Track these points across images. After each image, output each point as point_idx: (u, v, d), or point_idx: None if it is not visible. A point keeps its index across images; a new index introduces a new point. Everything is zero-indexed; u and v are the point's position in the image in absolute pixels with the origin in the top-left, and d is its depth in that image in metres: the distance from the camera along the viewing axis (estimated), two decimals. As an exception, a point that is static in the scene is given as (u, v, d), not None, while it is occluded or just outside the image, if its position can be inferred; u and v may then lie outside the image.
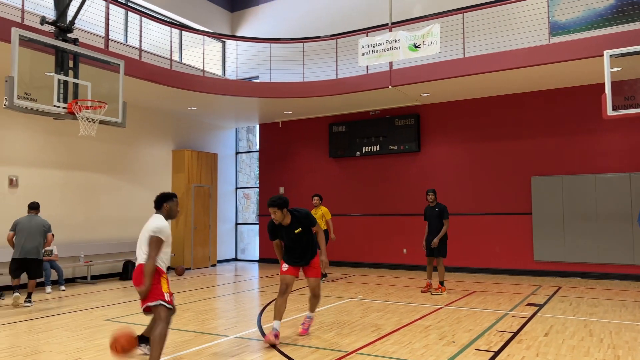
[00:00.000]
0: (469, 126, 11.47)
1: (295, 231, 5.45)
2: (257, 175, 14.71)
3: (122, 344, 4.07)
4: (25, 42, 6.79)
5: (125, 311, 7.22)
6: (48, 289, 8.95)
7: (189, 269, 12.59)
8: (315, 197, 10.16)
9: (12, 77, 6.57)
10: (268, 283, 10.15)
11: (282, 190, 13.82)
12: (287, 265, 5.55)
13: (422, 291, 8.64)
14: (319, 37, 11.77)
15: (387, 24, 10.83)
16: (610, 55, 7.21)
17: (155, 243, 4.22)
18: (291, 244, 5.53)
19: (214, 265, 13.57)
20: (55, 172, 10.06)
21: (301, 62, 12.05)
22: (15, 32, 6.64)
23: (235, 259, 14.91)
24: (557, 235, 10.35)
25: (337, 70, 11.21)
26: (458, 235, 10.93)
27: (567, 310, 6.92)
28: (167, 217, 4.51)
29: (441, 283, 8.52)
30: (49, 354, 4.97)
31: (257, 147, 14.79)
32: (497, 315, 6.64)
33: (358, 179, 12.73)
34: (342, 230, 12.70)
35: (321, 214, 9.97)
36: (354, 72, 11.06)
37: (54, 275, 9.28)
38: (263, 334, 5.69)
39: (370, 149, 12.42)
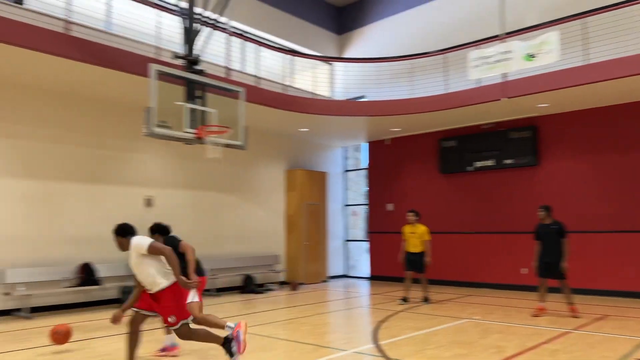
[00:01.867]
0: (594, 137, 10.67)
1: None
2: (365, 193, 14.86)
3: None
4: (160, 75, 7.61)
5: (251, 322, 7.65)
6: (178, 299, 9.75)
7: (302, 284, 12.99)
8: (410, 214, 9.59)
9: (151, 108, 7.38)
10: (380, 300, 10.15)
11: (390, 207, 13.81)
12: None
13: (533, 315, 8.07)
14: (426, 53, 11.73)
15: (497, 35, 10.52)
16: None
17: (155, 248, 4.57)
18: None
19: (325, 281, 13.86)
20: (184, 192, 11.01)
21: (408, 79, 12.07)
22: (152, 68, 7.47)
23: (346, 276, 15.11)
24: None
25: (446, 84, 11.07)
26: (582, 254, 10.14)
27: None
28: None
29: (570, 304, 7.96)
30: (184, 359, 5.42)
31: (365, 165, 14.97)
32: (635, 343, 6.05)
33: (471, 195, 12.35)
34: (455, 248, 12.36)
35: (420, 233, 9.47)
36: (463, 86, 10.85)
37: (183, 287, 10.09)
38: (381, 351, 5.72)
39: (483, 164, 12.02)
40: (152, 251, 4.58)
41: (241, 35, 11.24)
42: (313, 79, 13.52)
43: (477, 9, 12.27)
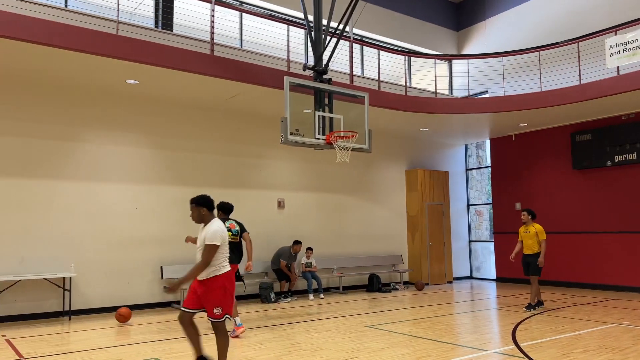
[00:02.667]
0: None
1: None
2: (489, 192, 14.41)
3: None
4: (292, 86, 8.13)
5: (381, 320, 7.90)
6: (311, 296, 10.31)
7: (427, 284, 12.96)
8: (524, 213, 9.00)
9: (286, 117, 7.93)
10: (510, 302, 9.84)
11: (518, 206, 13.26)
12: None
13: None
14: (556, 43, 11.12)
15: (639, 19, 9.67)
16: None
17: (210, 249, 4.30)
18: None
19: (450, 282, 13.69)
20: (311, 194, 11.58)
21: (536, 72, 11.53)
22: (286, 80, 8.02)
23: (471, 277, 14.77)
24: None
25: (580, 75, 10.41)
26: None
27: None
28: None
29: None
30: (330, 351, 5.79)
31: (488, 163, 14.52)
32: None
33: (610, 192, 11.46)
34: (592, 249, 11.56)
35: (534, 233, 8.81)
36: (599, 76, 10.13)
37: (314, 285, 10.64)
38: (523, 352, 5.63)
39: (625, 158, 11.09)
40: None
41: (362, 42, 11.55)
42: (432, 77, 13.44)
43: (613, -9, 11.38)
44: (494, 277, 13.95)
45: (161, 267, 9.37)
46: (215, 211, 5.15)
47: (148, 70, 7.89)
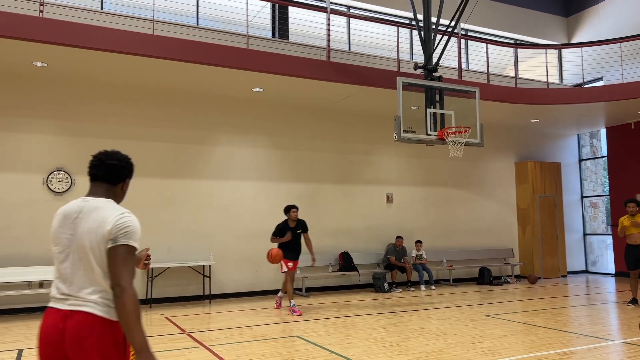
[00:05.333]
0: None
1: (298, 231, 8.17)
2: (605, 183, 13.78)
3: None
4: (404, 86, 8.54)
5: (498, 310, 8.10)
6: (422, 287, 10.68)
7: (540, 278, 12.76)
8: (631, 204, 8.58)
9: (399, 116, 8.36)
10: (630, 297, 9.49)
11: (639, 197, 12.58)
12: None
13: None
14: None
15: None
16: None
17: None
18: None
19: (564, 276, 13.33)
20: (418, 188, 11.91)
21: (659, 56, 10.91)
22: (399, 80, 8.44)
23: (586, 271, 14.24)
24: None
25: None
26: None
27: None
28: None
29: None
30: (455, 336, 6.18)
31: (604, 153, 13.89)
32: None
33: None
34: None
35: None
36: None
37: (425, 276, 10.98)
38: (653, 344, 5.62)
39: None
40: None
41: (471, 37, 11.64)
42: (541, 66, 13.14)
43: None
44: (612, 272, 13.35)
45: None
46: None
47: (272, 78, 8.71)
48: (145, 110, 9.33)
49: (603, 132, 13.96)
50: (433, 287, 10.84)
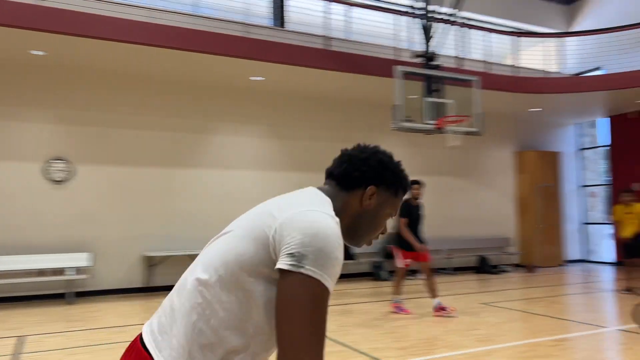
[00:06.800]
0: None
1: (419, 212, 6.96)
2: (605, 172, 13.78)
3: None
4: (402, 75, 8.51)
5: (495, 298, 8.15)
6: (421, 275, 10.73)
7: (538, 267, 12.81)
8: (625, 194, 8.66)
9: (397, 105, 8.35)
10: (630, 285, 9.54)
11: (638, 187, 12.59)
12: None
13: None
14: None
15: None
16: None
17: None
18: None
19: (562, 265, 13.38)
20: (420, 177, 11.92)
21: (659, 44, 10.86)
22: (397, 69, 8.42)
23: (584, 260, 14.29)
24: None
25: None
26: None
27: None
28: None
29: None
30: (451, 323, 6.23)
31: (604, 142, 13.87)
32: None
33: None
34: None
35: (637, 214, 8.49)
36: None
37: (423, 265, 11.04)
38: (648, 331, 5.67)
39: None
40: None
41: (470, 25, 11.58)
42: (542, 55, 13.08)
43: None
44: (610, 261, 13.40)
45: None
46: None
47: (271, 67, 8.69)
48: (144, 98, 9.32)
49: (602, 122, 13.92)
50: (431, 276, 10.88)
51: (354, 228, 1.37)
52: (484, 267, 11.83)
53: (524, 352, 4.88)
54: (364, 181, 1.35)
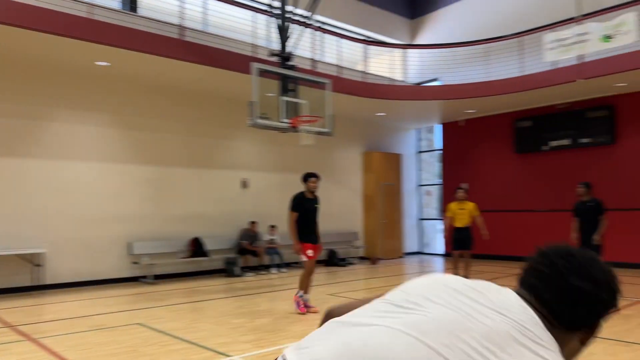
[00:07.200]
0: (674, 114, 10.67)
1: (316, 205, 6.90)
2: (439, 173, 15.41)
3: None
4: (259, 72, 8.60)
5: (340, 289, 8.63)
6: (274, 270, 10.96)
7: (380, 259, 13.86)
8: (460, 191, 9.47)
9: (253, 102, 8.41)
10: (454, 274, 10.83)
11: (465, 186, 14.29)
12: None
13: None
14: (502, 36, 12.04)
15: (574, 18, 10.68)
16: None
17: None
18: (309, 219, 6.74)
19: (401, 257, 14.66)
20: (274, 174, 12.13)
21: (483, 62, 12.45)
22: (254, 66, 8.47)
23: (420, 252, 15.82)
24: None
25: (522, 66, 11.38)
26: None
27: None
28: None
29: None
30: (298, 315, 6.46)
31: (438, 146, 15.49)
32: None
33: (546, 174, 12.63)
34: (530, 226, 12.73)
35: (469, 210, 9.30)
36: (539, 68, 11.12)
37: (277, 260, 11.26)
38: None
39: (559, 143, 12.25)
40: None
41: (324, 29, 12.07)
42: (388, 63, 14.15)
43: (553, -11, 12.36)
44: (442, 252, 15.03)
45: (129, 244, 9.72)
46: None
47: (118, 53, 8.15)
48: (-37, 77, 8.11)
49: (438, 128, 15.54)
50: (284, 270, 11.17)
51: None
52: (332, 260, 12.46)
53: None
54: (593, 319, 1.07)
